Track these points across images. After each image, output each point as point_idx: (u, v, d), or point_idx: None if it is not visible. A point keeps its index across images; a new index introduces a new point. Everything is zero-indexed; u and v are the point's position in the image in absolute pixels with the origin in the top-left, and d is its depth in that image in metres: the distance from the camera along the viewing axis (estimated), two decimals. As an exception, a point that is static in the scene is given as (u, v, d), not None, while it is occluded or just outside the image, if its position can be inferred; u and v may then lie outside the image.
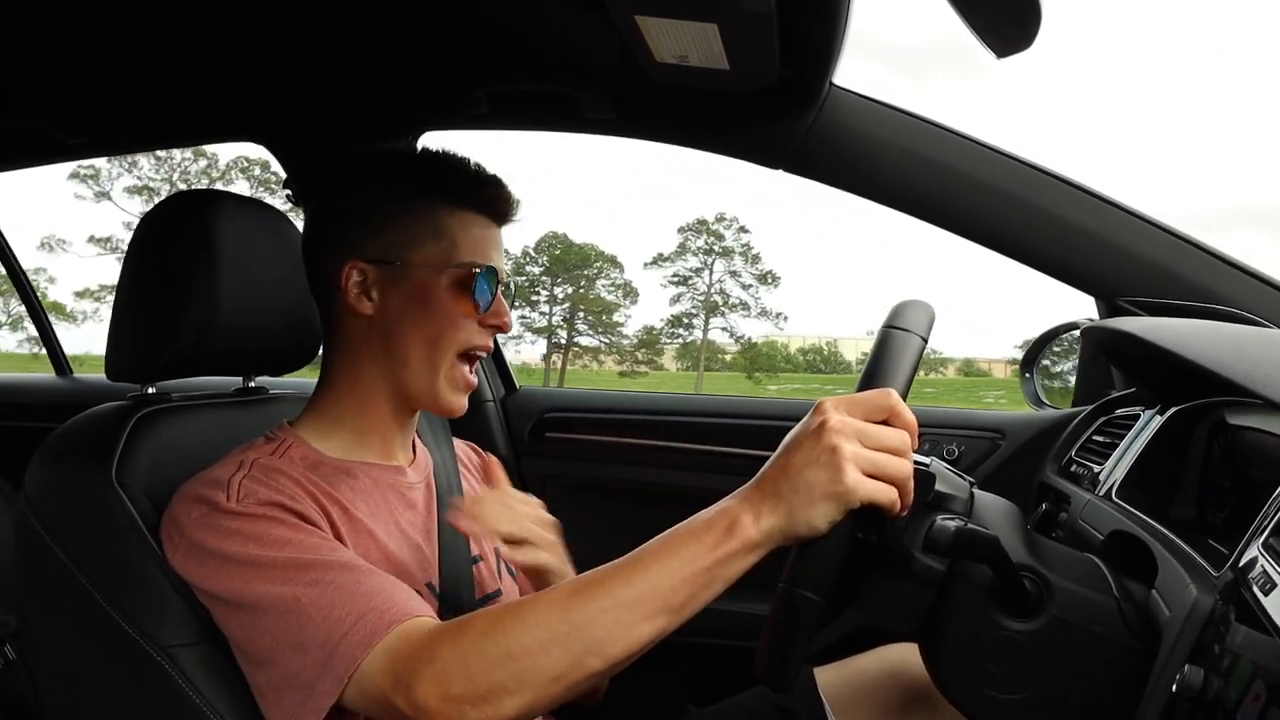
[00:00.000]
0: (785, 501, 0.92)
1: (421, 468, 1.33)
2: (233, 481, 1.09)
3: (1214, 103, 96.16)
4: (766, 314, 35.46)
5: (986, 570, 1.05)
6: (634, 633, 0.92)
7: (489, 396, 2.24)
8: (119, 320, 1.30)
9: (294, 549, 1.03)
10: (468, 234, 1.21)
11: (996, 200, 1.58)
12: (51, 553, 1.19)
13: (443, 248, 1.20)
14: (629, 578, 0.93)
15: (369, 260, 1.20)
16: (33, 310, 2.96)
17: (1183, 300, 1.53)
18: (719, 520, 0.94)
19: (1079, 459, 1.67)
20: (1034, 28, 1.17)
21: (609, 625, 0.92)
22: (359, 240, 1.21)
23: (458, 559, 1.27)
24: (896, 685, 1.50)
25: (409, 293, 1.19)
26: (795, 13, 1.27)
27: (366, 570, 1.03)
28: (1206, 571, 0.95)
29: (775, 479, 0.94)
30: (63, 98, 1.86)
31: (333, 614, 0.97)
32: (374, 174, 1.25)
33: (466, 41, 1.60)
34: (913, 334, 0.99)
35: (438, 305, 1.19)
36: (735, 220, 35.74)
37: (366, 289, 1.21)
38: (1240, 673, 0.76)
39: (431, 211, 1.20)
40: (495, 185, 1.24)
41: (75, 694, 1.25)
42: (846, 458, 0.90)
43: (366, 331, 1.22)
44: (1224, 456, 1.23)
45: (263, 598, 1.01)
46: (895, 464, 0.93)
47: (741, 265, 35.46)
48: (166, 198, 1.32)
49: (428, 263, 1.19)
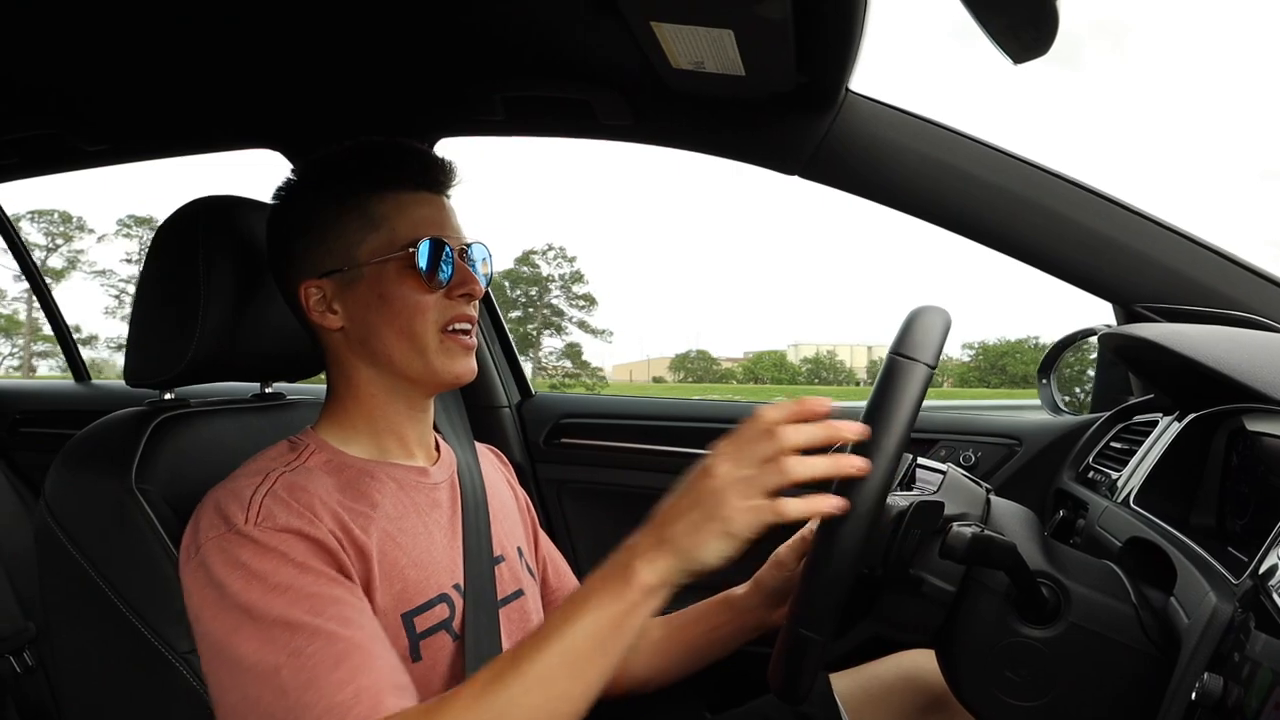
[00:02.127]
0: (673, 544, 0.95)
1: (446, 467, 1.31)
2: (254, 499, 1.07)
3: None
4: (593, 331, 38.03)
5: (1003, 577, 1.05)
6: (559, 705, 0.94)
7: (504, 402, 2.24)
8: (138, 326, 1.31)
9: (291, 599, 1.00)
10: (404, 215, 1.18)
11: (1013, 206, 1.58)
12: (71, 558, 1.20)
13: (383, 237, 1.17)
14: (541, 651, 0.95)
15: (320, 275, 1.19)
16: (51, 317, 2.98)
17: (1200, 306, 1.52)
18: (614, 574, 0.97)
19: (1097, 465, 1.66)
20: (1051, 33, 1.17)
21: (533, 706, 0.93)
22: (307, 257, 1.19)
23: (481, 560, 1.26)
24: (912, 691, 1.49)
25: (366, 293, 1.18)
26: (811, 19, 1.27)
27: (351, 644, 1.00)
28: (1226, 579, 0.95)
29: (663, 523, 0.97)
30: (81, 105, 1.88)
31: (305, 696, 0.96)
32: (305, 187, 1.24)
33: (483, 48, 1.60)
34: (919, 363, 0.98)
35: (396, 295, 1.17)
36: (562, 250, 38.49)
37: (328, 304, 1.19)
38: (1261, 681, 0.76)
39: (363, 205, 1.18)
40: (418, 156, 1.22)
41: (93, 698, 1.25)
42: (723, 489, 0.94)
43: (345, 342, 1.21)
44: (1243, 463, 1.22)
45: (246, 657, 0.99)
46: (767, 475, 0.93)
47: (561, 291, 38.27)
48: (184, 204, 1.33)
49: (374, 256, 1.17)
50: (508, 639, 1.25)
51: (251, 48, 1.62)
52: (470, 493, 1.31)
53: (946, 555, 1.01)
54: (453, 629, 1.17)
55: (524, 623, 1.31)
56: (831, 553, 0.96)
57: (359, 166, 1.20)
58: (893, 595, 1.08)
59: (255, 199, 1.35)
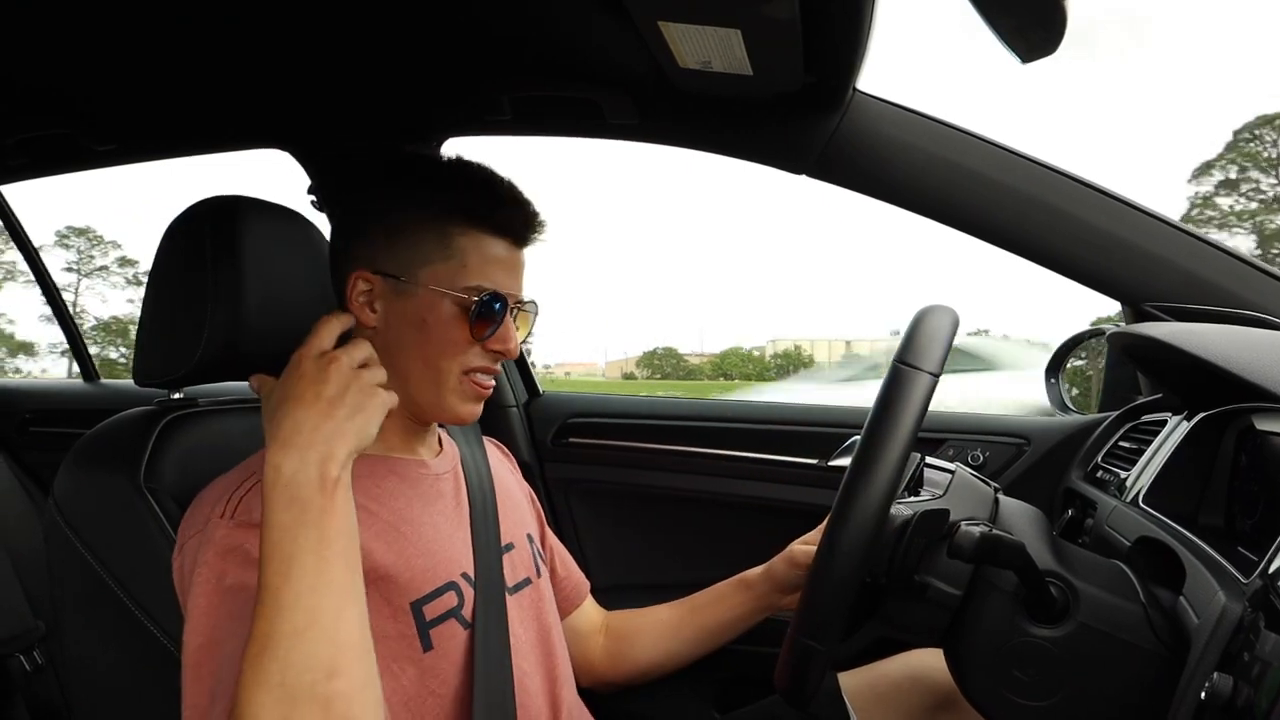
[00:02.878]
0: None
1: (448, 459, 1.32)
2: (236, 493, 1.08)
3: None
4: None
5: (1012, 576, 1.05)
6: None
7: (512, 402, 2.24)
8: (146, 326, 1.31)
9: (235, 606, 1.00)
10: (480, 256, 1.18)
11: (1021, 205, 1.58)
12: (80, 557, 1.20)
13: (451, 269, 1.17)
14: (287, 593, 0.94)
15: (376, 271, 1.18)
16: (60, 317, 2.99)
17: (1209, 305, 1.52)
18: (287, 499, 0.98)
19: (1105, 465, 1.66)
20: (1059, 32, 1.17)
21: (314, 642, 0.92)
22: (370, 250, 1.19)
23: (489, 548, 1.26)
24: (920, 690, 1.49)
25: (411, 311, 1.17)
26: (819, 18, 1.27)
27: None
28: (1235, 578, 0.94)
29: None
30: (90, 105, 1.88)
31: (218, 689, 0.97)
32: (391, 183, 1.23)
33: (491, 48, 1.60)
34: (922, 372, 0.98)
35: (437, 328, 1.17)
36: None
37: (371, 300, 1.19)
38: (1271, 681, 0.76)
39: (445, 229, 1.17)
40: (516, 205, 1.21)
41: (102, 696, 1.26)
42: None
43: (371, 343, 1.20)
44: (1252, 462, 1.22)
45: (190, 667, 0.99)
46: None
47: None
48: (193, 204, 1.33)
49: (435, 282, 1.16)
50: (518, 626, 1.25)
51: (260, 47, 1.62)
52: (476, 482, 1.32)
53: (955, 555, 1.01)
54: (463, 617, 1.18)
55: (535, 609, 1.32)
56: (834, 565, 0.96)
57: (454, 189, 1.19)
58: (898, 600, 1.08)
59: (261, 199, 1.35)
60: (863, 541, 0.95)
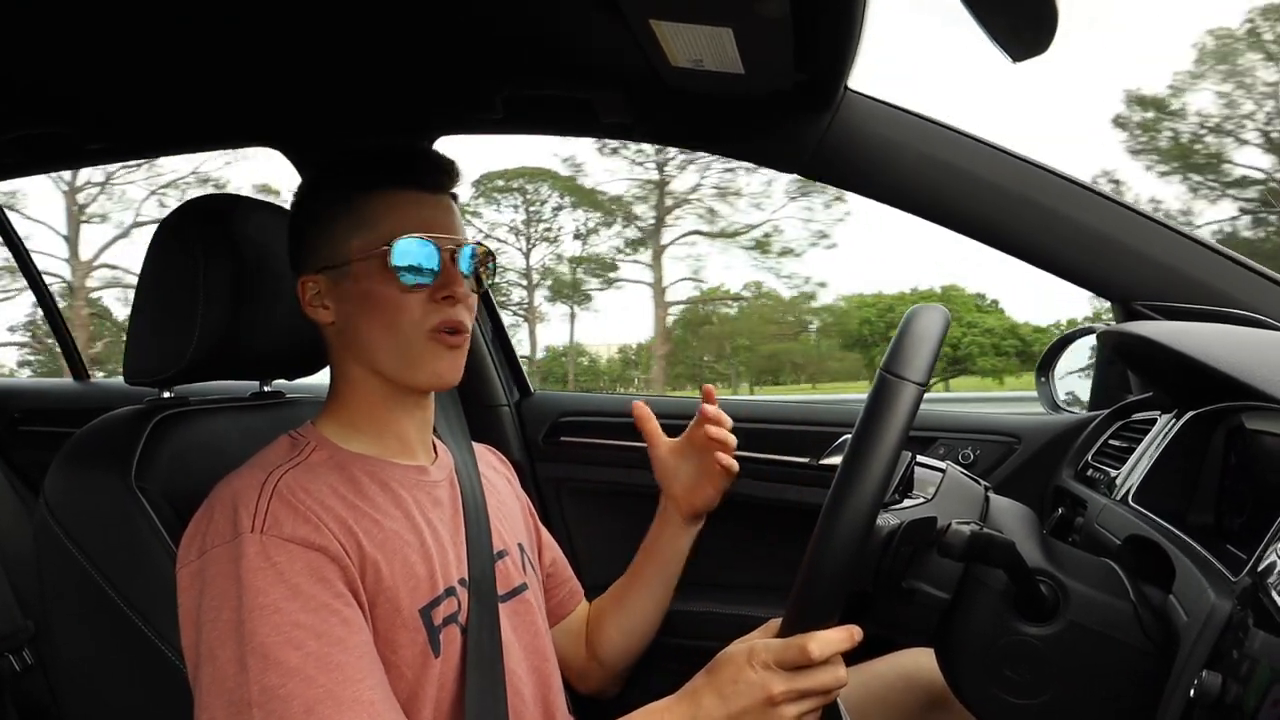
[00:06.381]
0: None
1: (444, 466, 1.33)
2: (260, 502, 1.07)
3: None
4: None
5: (1002, 575, 1.05)
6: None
7: (503, 401, 2.24)
8: (137, 324, 1.31)
9: (275, 624, 1.00)
10: (393, 213, 1.18)
11: (1012, 204, 1.58)
12: (71, 556, 1.20)
13: (371, 236, 1.18)
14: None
15: (317, 270, 1.20)
16: (49, 315, 2.98)
17: (1199, 304, 1.52)
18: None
19: (1095, 463, 1.66)
20: (1051, 31, 1.17)
21: None
22: (311, 252, 1.22)
23: (483, 555, 1.27)
24: (911, 690, 1.50)
25: (353, 291, 1.19)
26: (810, 17, 1.27)
27: (324, 692, 1.00)
28: (1224, 576, 0.95)
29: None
30: (84, 103, 1.87)
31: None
32: (309, 187, 1.26)
33: (483, 47, 1.60)
34: (908, 382, 0.98)
35: (377, 293, 1.17)
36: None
37: (321, 299, 1.21)
38: (1259, 678, 0.76)
39: (355, 204, 1.19)
40: (413, 155, 1.22)
41: (92, 696, 1.25)
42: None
43: (338, 337, 1.23)
44: (1241, 461, 1.22)
45: (225, 680, 0.99)
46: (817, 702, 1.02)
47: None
48: (184, 202, 1.33)
49: (360, 254, 1.18)
50: (510, 633, 1.26)
51: (252, 46, 1.62)
52: (469, 490, 1.32)
53: (945, 554, 1.01)
54: (460, 623, 1.19)
55: (527, 617, 1.32)
56: (820, 579, 0.96)
57: (354, 165, 1.22)
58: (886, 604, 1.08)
59: (252, 197, 1.35)
60: (848, 554, 0.95)
